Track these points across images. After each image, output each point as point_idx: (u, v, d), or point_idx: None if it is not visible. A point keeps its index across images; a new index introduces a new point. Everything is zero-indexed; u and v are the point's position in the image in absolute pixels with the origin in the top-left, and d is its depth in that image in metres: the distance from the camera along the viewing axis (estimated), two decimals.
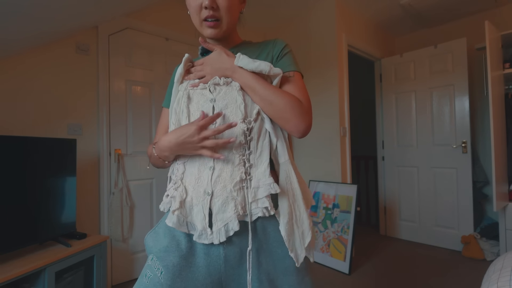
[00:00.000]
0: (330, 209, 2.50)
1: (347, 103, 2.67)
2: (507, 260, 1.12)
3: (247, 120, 0.65)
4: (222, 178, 0.64)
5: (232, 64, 0.66)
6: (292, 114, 0.64)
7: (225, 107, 0.65)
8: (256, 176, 0.64)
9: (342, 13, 2.66)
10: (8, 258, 1.45)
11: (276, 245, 0.66)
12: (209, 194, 0.63)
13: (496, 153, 2.15)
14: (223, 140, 0.62)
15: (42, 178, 1.63)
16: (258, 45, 0.77)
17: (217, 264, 0.65)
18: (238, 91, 0.66)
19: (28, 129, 1.79)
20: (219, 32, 0.70)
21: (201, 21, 0.68)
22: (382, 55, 3.26)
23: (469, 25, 2.97)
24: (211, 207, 0.63)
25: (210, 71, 0.68)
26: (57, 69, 1.93)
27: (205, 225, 0.63)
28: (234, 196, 0.63)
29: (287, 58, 0.73)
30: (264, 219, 0.66)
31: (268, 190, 0.63)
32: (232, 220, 0.62)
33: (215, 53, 0.69)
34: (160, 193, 2.38)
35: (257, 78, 0.65)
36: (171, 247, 0.65)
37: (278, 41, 0.75)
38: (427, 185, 2.94)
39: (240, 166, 0.64)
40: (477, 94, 2.91)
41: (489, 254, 2.49)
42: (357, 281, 2.16)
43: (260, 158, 0.65)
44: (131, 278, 2.22)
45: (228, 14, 0.68)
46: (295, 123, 0.65)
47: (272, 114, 0.65)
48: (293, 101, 0.65)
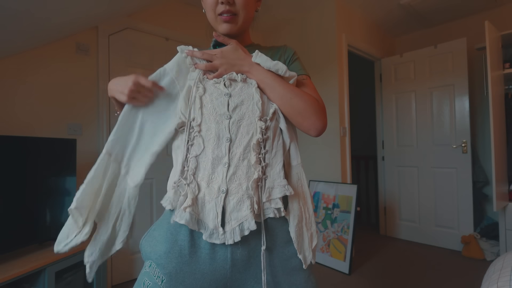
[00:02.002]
0: (330, 209, 2.50)
1: (347, 103, 2.67)
2: (507, 260, 1.12)
3: (263, 118, 0.64)
4: (237, 175, 0.62)
5: (249, 60, 0.66)
6: (311, 112, 0.65)
7: (240, 103, 0.64)
8: (271, 176, 0.63)
9: (342, 13, 2.66)
10: (8, 258, 1.46)
11: (282, 245, 0.66)
12: (224, 191, 0.61)
13: (496, 153, 2.15)
14: (149, 84, 0.63)
15: (42, 178, 1.63)
16: (268, 49, 0.77)
17: (223, 268, 0.62)
18: (256, 88, 0.65)
19: (28, 129, 1.79)
20: (234, 28, 0.69)
21: (217, 16, 0.68)
22: (382, 55, 3.26)
23: (469, 25, 2.97)
24: (225, 205, 0.61)
25: (225, 65, 0.66)
26: (57, 69, 1.93)
27: (217, 224, 0.60)
28: (251, 194, 0.61)
29: (298, 63, 0.75)
30: (272, 219, 0.65)
31: (283, 192, 0.62)
32: (249, 219, 0.60)
33: (231, 47, 0.67)
34: (160, 193, 2.37)
35: (275, 76, 0.65)
36: (172, 252, 0.62)
37: (288, 48, 0.77)
38: (427, 185, 2.94)
39: (256, 164, 0.62)
40: (477, 94, 2.91)
41: (489, 254, 2.49)
42: (357, 281, 2.16)
43: (275, 158, 0.65)
44: (131, 278, 2.22)
45: (244, 9, 0.68)
46: (313, 121, 0.65)
47: (291, 112, 0.65)
48: (312, 100, 0.66)
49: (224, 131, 0.63)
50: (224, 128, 0.63)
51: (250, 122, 0.64)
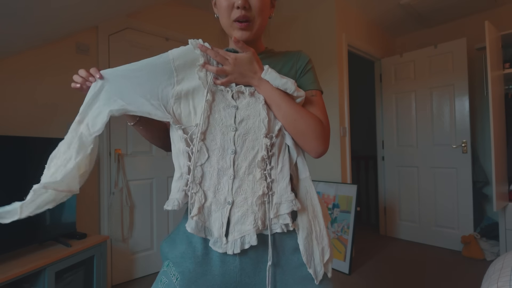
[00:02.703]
0: (330, 209, 2.50)
1: (347, 103, 2.67)
2: (507, 260, 1.12)
3: (269, 135, 0.64)
4: (243, 189, 0.63)
5: (260, 75, 0.65)
6: (313, 136, 0.65)
7: (247, 117, 0.64)
8: (278, 191, 0.63)
9: (342, 13, 2.66)
10: (8, 258, 1.45)
11: (291, 251, 0.66)
12: (230, 203, 0.63)
13: (496, 153, 2.15)
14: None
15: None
16: (281, 56, 0.75)
17: (233, 272, 0.64)
18: (263, 105, 0.65)
19: (28, 129, 1.79)
20: (250, 35, 0.68)
21: (232, 22, 0.67)
22: (382, 55, 3.26)
23: (469, 25, 2.97)
24: (230, 216, 0.63)
25: (236, 74, 0.64)
26: (57, 69, 1.93)
27: (222, 233, 0.62)
28: (255, 210, 0.62)
29: (310, 75, 0.72)
30: (280, 233, 0.65)
31: (291, 207, 0.62)
32: (250, 234, 0.61)
33: (247, 57, 0.64)
34: (160, 193, 2.38)
35: (282, 95, 0.64)
36: (187, 253, 0.65)
37: (302, 54, 0.74)
38: (427, 185, 2.94)
39: (262, 180, 0.63)
40: (477, 94, 2.91)
41: (489, 254, 2.49)
42: (357, 281, 2.16)
43: (282, 173, 0.64)
44: (131, 278, 2.22)
45: (260, 15, 0.67)
46: (315, 145, 0.65)
47: (293, 132, 0.65)
48: (316, 123, 0.65)
49: (229, 142, 0.63)
50: (229, 140, 0.63)
51: (255, 138, 0.64)
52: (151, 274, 2.31)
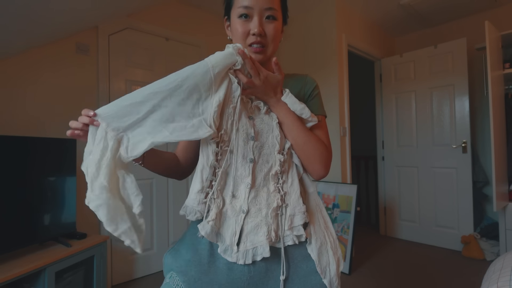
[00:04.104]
0: (330, 209, 2.50)
1: (347, 103, 2.67)
2: (507, 260, 1.12)
3: (281, 152, 0.67)
4: (258, 200, 0.64)
5: (279, 97, 0.68)
6: (318, 160, 0.69)
7: (261, 130, 0.67)
8: (291, 203, 0.65)
9: (342, 13, 2.66)
10: (8, 258, 1.45)
11: (299, 259, 0.66)
12: (244, 212, 0.63)
13: (496, 153, 2.15)
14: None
15: (42, 178, 1.63)
16: (289, 79, 0.78)
17: (241, 281, 0.63)
18: (277, 123, 0.68)
19: (28, 129, 1.79)
20: (264, 58, 0.71)
21: (247, 45, 0.70)
22: (382, 55, 3.26)
23: (469, 25, 2.97)
24: (244, 225, 0.63)
25: (261, 89, 0.66)
26: (57, 69, 1.93)
27: (233, 241, 0.62)
28: (269, 222, 0.63)
29: (317, 101, 0.77)
30: (291, 246, 0.66)
31: (304, 219, 0.64)
32: (263, 245, 0.62)
33: (276, 79, 0.67)
34: (160, 193, 2.38)
35: (295, 118, 0.68)
36: (193, 261, 0.65)
37: (309, 79, 0.78)
38: (427, 185, 2.94)
39: (275, 193, 0.65)
40: (477, 94, 2.91)
41: (489, 254, 2.49)
42: (357, 281, 2.16)
43: (292, 187, 0.67)
44: (131, 278, 2.22)
45: (273, 42, 0.71)
46: (318, 168, 0.69)
47: (300, 154, 0.69)
48: (322, 148, 0.69)
49: (249, 151, 0.65)
50: (249, 149, 0.65)
51: (269, 152, 0.67)
52: (151, 274, 2.31)
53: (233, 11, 0.70)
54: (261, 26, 0.68)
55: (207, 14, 2.71)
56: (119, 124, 0.57)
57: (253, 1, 0.67)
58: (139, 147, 0.58)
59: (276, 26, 0.70)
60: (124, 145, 0.58)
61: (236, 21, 0.69)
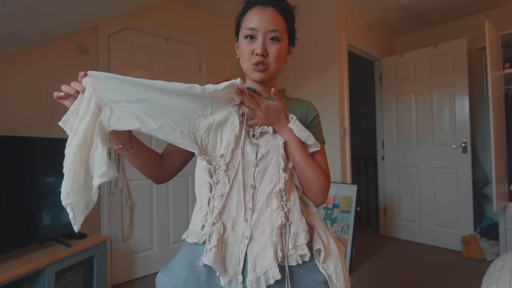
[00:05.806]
0: (330, 209, 2.50)
1: (347, 103, 2.67)
2: (507, 260, 1.13)
3: (285, 171, 0.68)
4: (261, 222, 0.64)
5: (285, 123, 0.70)
6: (317, 188, 0.70)
7: (266, 153, 0.68)
8: (295, 221, 0.65)
9: (342, 13, 2.66)
10: (8, 258, 1.45)
11: (302, 272, 0.65)
12: (248, 238, 0.63)
13: (496, 153, 2.15)
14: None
15: (41, 178, 1.63)
16: (290, 104, 0.79)
17: None
18: (283, 143, 0.69)
19: (28, 129, 1.79)
20: (265, 77, 0.74)
21: (251, 64, 0.73)
22: (382, 55, 3.26)
23: (469, 25, 2.97)
24: (247, 251, 0.62)
25: (264, 120, 0.68)
26: (57, 69, 1.93)
27: (238, 270, 0.61)
28: (274, 241, 0.62)
29: (317, 129, 0.80)
30: (295, 266, 0.65)
31: (307, 238, 0.64)
32: (273, 267, 0.60)
33: (278, 107, 0.69)
34: (160, 193, 2.37)
35: (299, 144, 0.70)
36: (190, 279, 0.63)
37: (311, 108, 0.80)
38: (427, 185, 2.94)
39: (279, 210, 0.64)
40: (477, 94, 2.91)
41: (489, 254, 2.49)
42: (357, 281, 2.16)
43: (295, 205, 0.67)
44: (131, 278, 2.22)
45: (275, 62, 0.73)
46: (316, 195, 0.72)
47: (301, 179, 0.71)
48: (322, 176, 0.71)
49: (249, 178, 0.66)
50: (250, 175, 0.66)
51: (274, 172, 0.67)
52: (151, 274, 2.31)
53: (241, 32, 0.75)
54: (264, 47, 0.71)
55: (207, 14, 2.71)
56: (106, 95, 0.58)
57: (258, 23, 0.70)
58: (123, 123, 0.59)
59: (280, 47, 0.72)
60: (107, 114, 0.59)
61: (243, 41, 0.73)
